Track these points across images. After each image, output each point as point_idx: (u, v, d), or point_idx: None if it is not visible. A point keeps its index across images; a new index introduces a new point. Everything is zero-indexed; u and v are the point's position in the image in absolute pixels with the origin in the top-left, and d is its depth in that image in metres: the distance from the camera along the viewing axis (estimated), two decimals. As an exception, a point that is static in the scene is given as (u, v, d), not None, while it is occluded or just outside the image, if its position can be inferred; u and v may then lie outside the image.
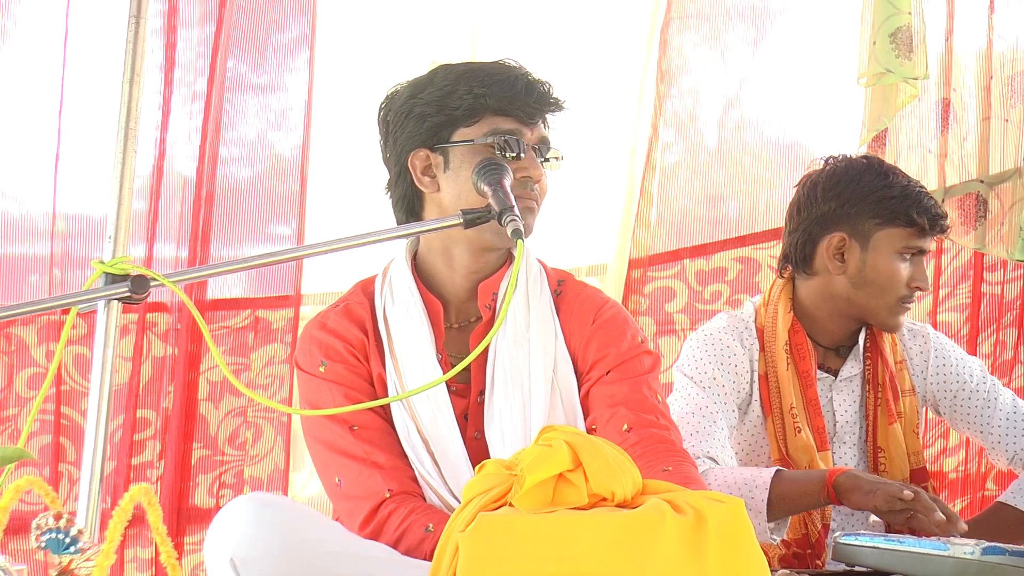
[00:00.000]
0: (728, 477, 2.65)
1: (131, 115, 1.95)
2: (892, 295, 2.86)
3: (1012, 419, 2.95)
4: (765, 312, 2.92)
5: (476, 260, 2.32)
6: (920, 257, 2.89)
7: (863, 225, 2.86)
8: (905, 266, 2.86)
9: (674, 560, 1.64)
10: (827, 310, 2.91)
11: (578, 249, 3.78)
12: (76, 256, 3.59)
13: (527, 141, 2.30)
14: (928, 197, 2.89)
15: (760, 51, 3.79)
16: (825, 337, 2.94)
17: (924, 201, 2.86)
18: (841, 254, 2.87)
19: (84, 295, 1.82)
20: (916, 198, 2.86)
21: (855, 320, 2.92)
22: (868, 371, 2.92)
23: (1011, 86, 3.60)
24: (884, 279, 2.85)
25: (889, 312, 2.87)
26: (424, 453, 2.25)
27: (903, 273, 2.86)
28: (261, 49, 3.67)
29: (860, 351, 2.94)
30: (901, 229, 2.85)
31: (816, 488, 2.61)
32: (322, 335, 2.34)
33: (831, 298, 2.90)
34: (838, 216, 2.87)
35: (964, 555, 2.16)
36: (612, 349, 2.33)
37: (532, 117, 2.31)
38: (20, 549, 3.45)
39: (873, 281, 2.86)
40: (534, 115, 2.32)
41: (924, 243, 2.87)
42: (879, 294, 2.86)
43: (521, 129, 2.30)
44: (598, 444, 1.77)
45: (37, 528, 1.39)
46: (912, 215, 2.84)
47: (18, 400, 3.58)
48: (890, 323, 2.89)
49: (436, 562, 1.75)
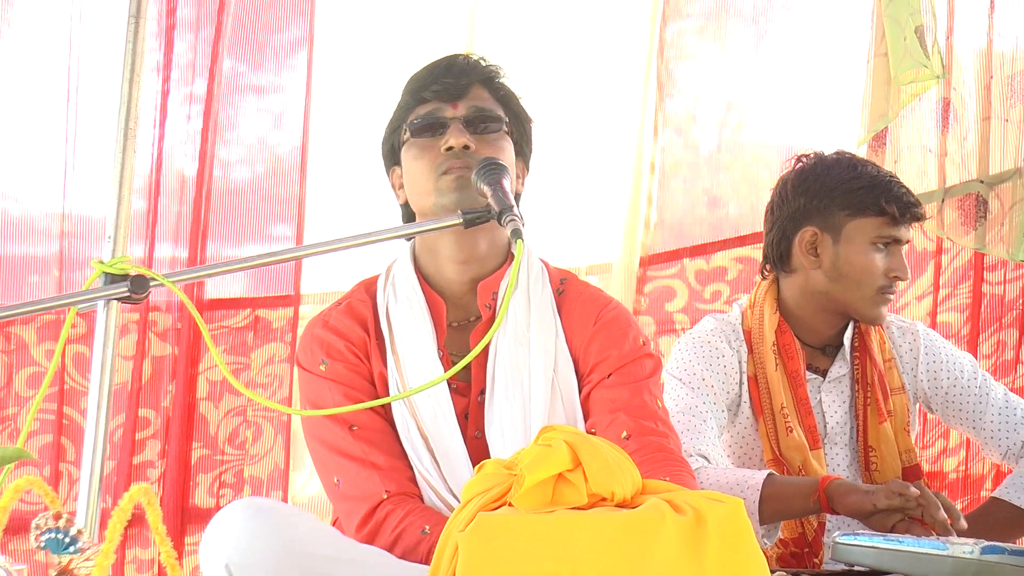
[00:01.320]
0: (720, 478, 2.64)
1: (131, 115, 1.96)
2: (869, 286, 2.85)
3: (1004, 414, 2.95)
4: (751, 314, 2.92)
5: (459, 247, 2.31)
6: (897, 247, 2.86)
7: (834, 218, 2.86)
8: (880, 256, 2.85)
9: (674, 560, 1.64)
10: (809, 307, 2.91)
11: (578, 249, 3.78)
12: (76, 256, 3.59)
13: (451, 116, 2.30)
14: (899, 186, 2.87)
15: (761, 52, 3.80)
16: (811, 336, 2.93)
17: (894, 189, 2.85)
18: (815, 248, 2.87)
19: (84, 295, 1.82)
20: (885, 187, 2.85)
21: (838, 315, 2.91)
22: (857, 371, 2.92)
23: (1011, 86, 3.60)
24: (858, 271, 2.85)
25: (869, 304, 2.86)
26: (424, 451, 2.25)
27: (879, 264, 2.84)
28: (260, 50, 3.67)
29: (848, 351, 2.93)
30: (872, 219, 2.85)
31: (808, 492, 2.59)
32: (324, 333, 2.34)
33: (811, 294, 2.90)
34: (809, 211, 2.88)
35: (963, 555, 2.15)
36: (614, 351, 2.32)
37: (454, 93, 2.32)
38: (20, 549, 3.45)
39: (848, 274, 2.86)
40: (455, 90, 2.32)
41: (898, 232, 2.85)
42: (855, 286, 2.86)
43: (441, 107, 2.31)
44: (597, 444, 1.77)
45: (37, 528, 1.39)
46: (881, 204, 2.83)
47: (18, 399, 3.58)
48: (871, 315, 2.87)
49: (436, 562, 1.75)
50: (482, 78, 2.36)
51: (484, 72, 2.36)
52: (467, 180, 2.20)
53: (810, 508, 2.62)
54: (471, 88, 2.34)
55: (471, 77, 2.34)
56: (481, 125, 2.31)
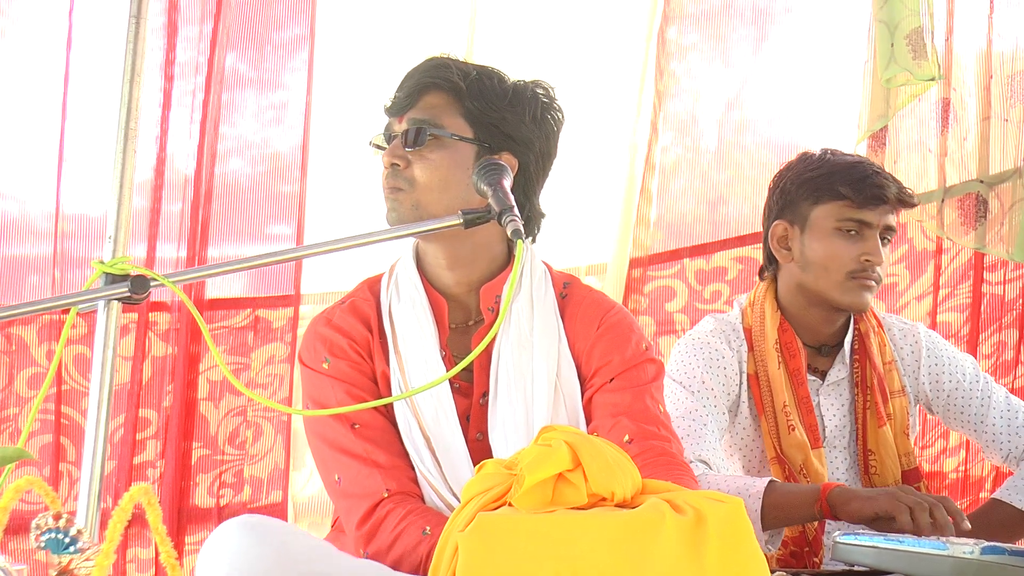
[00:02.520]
0: (721, 485, 2.64)
1: (131, 115, 1.95)
2: (837, 272, 2.83)
3: (1006, 417, 2.95)
4: (752, 312, 2.92)
5: (442, 250, 2.31)
6: (868, 231, 2.84)
7: (800, 209, 2.88)
8: (846, 242, 2.83)
9: (674, 560, 1.64)
10: (797, 303, 2.91)
11: (578, 249, 3.78)
12: (76, 256, 3.59)
13: (396, 131, 2.31)
14: (861, 169, 2.85)
15: (761, 52, 3.80)
16: (808, 335, 2.93)
17: (853, 173, 2.84)
18: (787, 242, 2.90)
19: (84, 295, 1.82)
20: (843, 171, 2.84)
21: (825, 309, 2.89)
22: (856, 374, 2.92)
23: (1011, 86, 3.61)
24: (822, 257, 2.85)
25: (840, 290, 2.84)
26: (425, 451, 2.25)
27: (844, 248, 2.83)
28: (260, 47, 3.67)
29: (847, 354, 2.93)
30: (832, 204, 2.84)
31: (810, 501, 2.58)
32: (327, 331, 2.34)
33: (793, 289, 2.91)
34: (780, 207, 2.92)
35: (963, 555, 2.15)
36: (616, 356, 2.32)
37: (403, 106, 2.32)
38: (20, 549, 3.44)
39: (813, 261, 2.86)
40: (404, 103, 2.32)
41: (862, 215, 2.83)
42: (823, 273, 2.85)
43: (391, 122, 2.33)
44: (598, 444, 1.77)
45: (37, 528, 1.39)
46: (837, 188, 2.83)
47: (18, 400, 3.58)
48: (846, 302, 2.85)
49: (436, 562, 1.75)
50: (433, 82, 2.31)
51: (435, 75, 2.32)
52: (398, 200, 2.26)
53: (813, 516, 2.62)
54: (422, 97, 2.32)
55: (421, 84, 2.31)
56: (416, 139, 2.29)
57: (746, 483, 2.63)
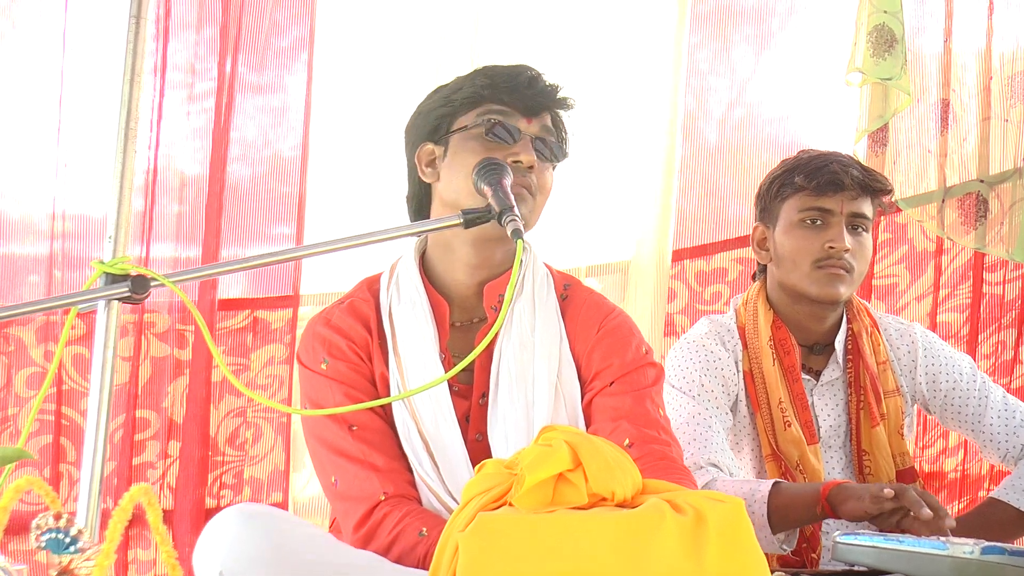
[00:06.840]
0: (728, 490, 2.64)
1: (131, 115, 1.95)
2: (804, 262, 2.85)
3: (1004, 417, 2.95)
4: (745, 311, 2.94)
5: (476, 253, 2.31)
6: (832, 218, 2.84)
7: (772, 209, 2.93)
8: (809, 232, 2.85)
9: (674, 560, 1.64)
10: (783, 302, 2.93)
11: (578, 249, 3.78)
12: (76, 256, 3.59)
13: (523, 130, 2.29)
14: (820, 160, 2.87)
15: (763, 52, 3.80)
16: (800, 333, 2.93)
17: (811, 164, 2.87)
18: (765, 243, 2.95)
19: (84, 295, 1.82)
20: (804, 164, 2.88)
21: (804, 304, 2.89)
22: (850, 374, 2.92)
23: (1011, 86, 3.61)
24: (790, 250, 2.87)
25: (809, 281, 2.85)
26: (424, 454, 2.24)
27: (807, 239, 2.84)
28: (261, 51, 3.67)
29: (840, 354, 2.93)
30: (794, 197, 2.88)
31: (812, 502, 2.59)
32: (326, 332, 2.33)
33: (777, 288, 2.93)
34: (759, 210, 2.98)
35: (963, 555, 2.15)
36: (616, 359, 2.32)
37: (531, 109, 2.31)
38: (20, 549, 3.44)
39: (782, 255, 2.89)
40: (533, 107, 2.31)
41: (822, 202, 2.84)
42: (792, 265, 2.87)
43: (516, 117, 2.30)
44: (598, 444, 1.77)
45: (37, 528, 1.39)
46: (795, 180, 2.86)
47: (18, 400, 3.58)
48: (817, 292, 2.85)
49: (436, 562, 1.75)
50: (556, 107, 2.36)
51: (560, 103, 2.36)
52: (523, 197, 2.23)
53: (817, 516, 2.63)
54: (544, 110, 2.34)
55: (548, 100, 2.34)
56: (546, 151, 2.32)
57: (752, 487, 2.63)
